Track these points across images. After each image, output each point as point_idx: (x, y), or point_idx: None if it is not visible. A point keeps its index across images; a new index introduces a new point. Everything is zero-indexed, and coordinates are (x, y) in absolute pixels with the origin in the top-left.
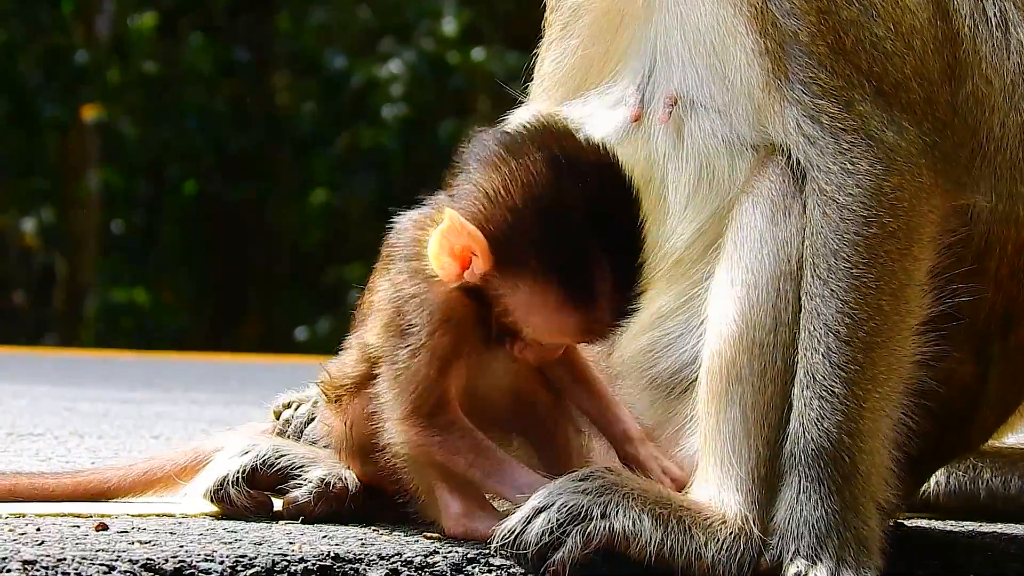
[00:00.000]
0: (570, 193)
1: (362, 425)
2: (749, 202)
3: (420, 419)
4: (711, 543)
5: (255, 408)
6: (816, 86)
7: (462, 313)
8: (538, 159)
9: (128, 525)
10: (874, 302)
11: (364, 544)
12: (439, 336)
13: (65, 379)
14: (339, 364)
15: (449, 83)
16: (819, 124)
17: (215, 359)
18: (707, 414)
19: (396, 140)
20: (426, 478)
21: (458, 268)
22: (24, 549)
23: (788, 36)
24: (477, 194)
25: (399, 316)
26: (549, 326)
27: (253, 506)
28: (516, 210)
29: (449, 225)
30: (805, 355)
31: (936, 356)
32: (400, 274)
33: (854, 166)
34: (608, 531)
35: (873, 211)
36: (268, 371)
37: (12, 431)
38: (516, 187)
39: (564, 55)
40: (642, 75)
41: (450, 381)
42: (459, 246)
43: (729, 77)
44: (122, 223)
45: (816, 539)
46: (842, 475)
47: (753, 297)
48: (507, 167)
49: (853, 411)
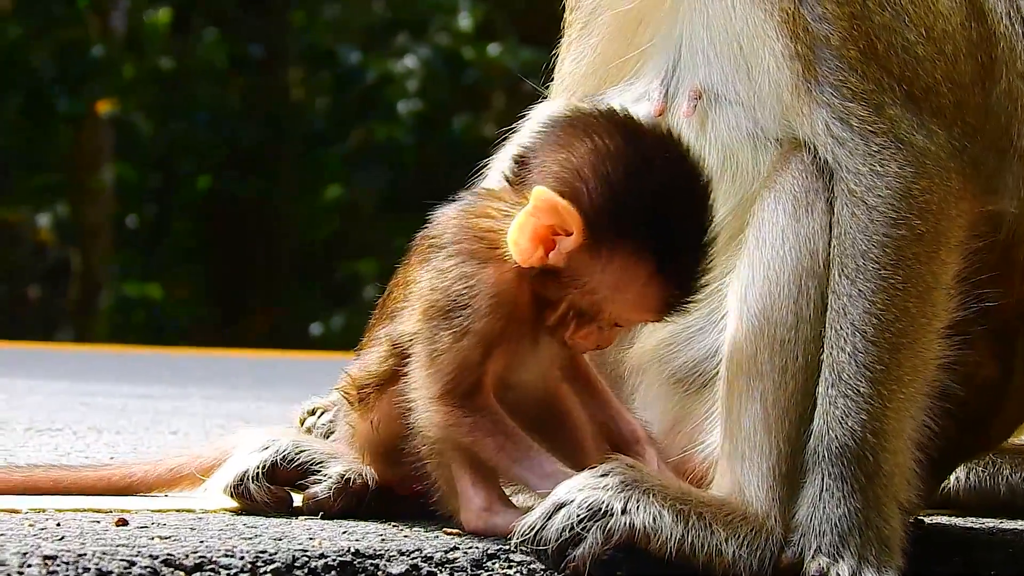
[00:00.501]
0: (651, 165)
1: (389, 424)
2: (771, 197)
3: (454, 399)
4: (732, 539)
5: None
6: (847, 89)
7: (517, 299)
8: (616, 134)
9: (148, 520)
10: (901, 304)
11: (384, 540)
12: (490, 320)
13: (80, 374)
14: (362, 363)
15: (464, 78)
16: (849, 126)
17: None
18: (727, 409)
19: (410, 135)
20: (449, 469)
21: (542, 251)
22: (44, 544)
23: (819, 40)
24: (565, 171)
25: (445, 299)
26: (637, 301)
27: (273, 502)
28: (611, 185)
29: (540, 204)
30: (831, 354)
31: (959, 360)
32: (448, 260)
33: (883, 168)
34: (628, 527)
35: (902, 213)
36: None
37: (30, 426)
38: (606, 163)
39: (584, 54)
40: (666, 70)
41: (489, 366)
42: (546, 226)
43: (755, 76)
44: (135, 217)
45: (838, 536)
46: (865, 474)
47: (774, 293)
48: (588, 143)
49: (878, 411)
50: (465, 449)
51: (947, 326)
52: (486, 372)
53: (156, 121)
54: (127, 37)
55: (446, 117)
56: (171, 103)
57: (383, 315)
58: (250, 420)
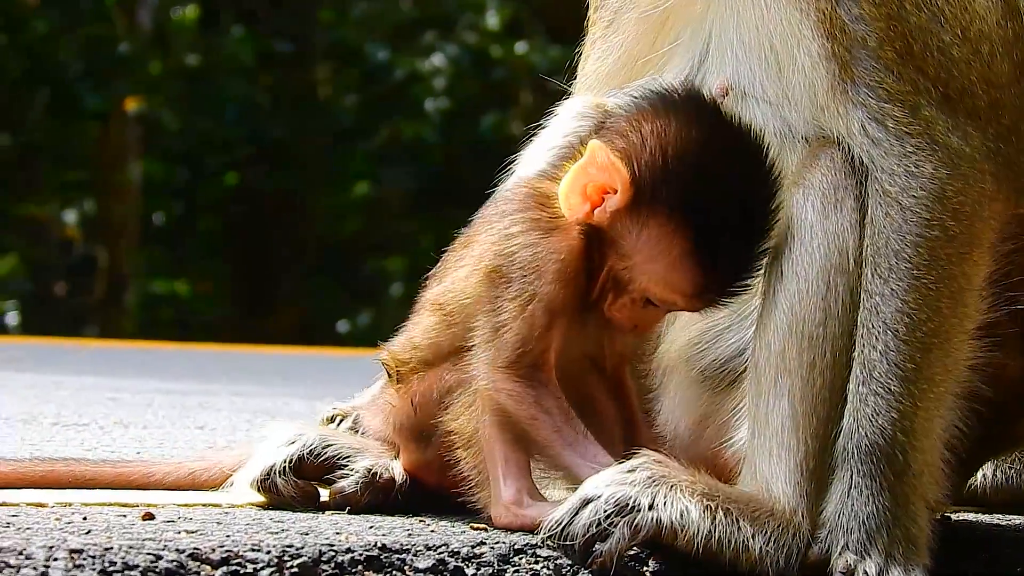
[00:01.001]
0: (720, 156)
1: (426, 403)
2: (800, 194)
3: (521, 369)
4: (759, 535)
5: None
6: (882, 90)
7: (577, 266)
8: (696, 116)
9: (175, 515)
10: (933, 303)
11: (411, 534)
12: (556, 285)
13: (107, 369)
14: (405, 337)
15: (491, 76)
16: (884, 127)
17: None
18: (755, 406)
19: (437, 133)
20: (485, 453)
21: (588, 207)
22: (71, 538)
23: (856, 41)
24: (630, 133)
25: (511, 264)
26: (666, 276)
27: (300, 496)
28: (667, 153)
29: (592, 156)
30: (862, 352)
31: (988, 361)
32: (515, 224)
33: (918, 169)
34: (655, 523)
35: (936, 214)
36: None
37: (57, 421)
38: (670, 134)
39: (609, 52)
40: (691, 67)
41: (554, 336)
42: (596, 183)
43: (787, 75)
44: (162, 214)
45: (866, 534)
46: (894, 472)
47: (803, 289)
48: (664, 117)
49: (908, 409)
50: (511, 428)
51: (977, 327)
52: (550, 345)
53: (183, 118)
54: (154, 33)
55: (473, 115)
56: (198, 100)
57: (432, 282)
58: (276, 416)
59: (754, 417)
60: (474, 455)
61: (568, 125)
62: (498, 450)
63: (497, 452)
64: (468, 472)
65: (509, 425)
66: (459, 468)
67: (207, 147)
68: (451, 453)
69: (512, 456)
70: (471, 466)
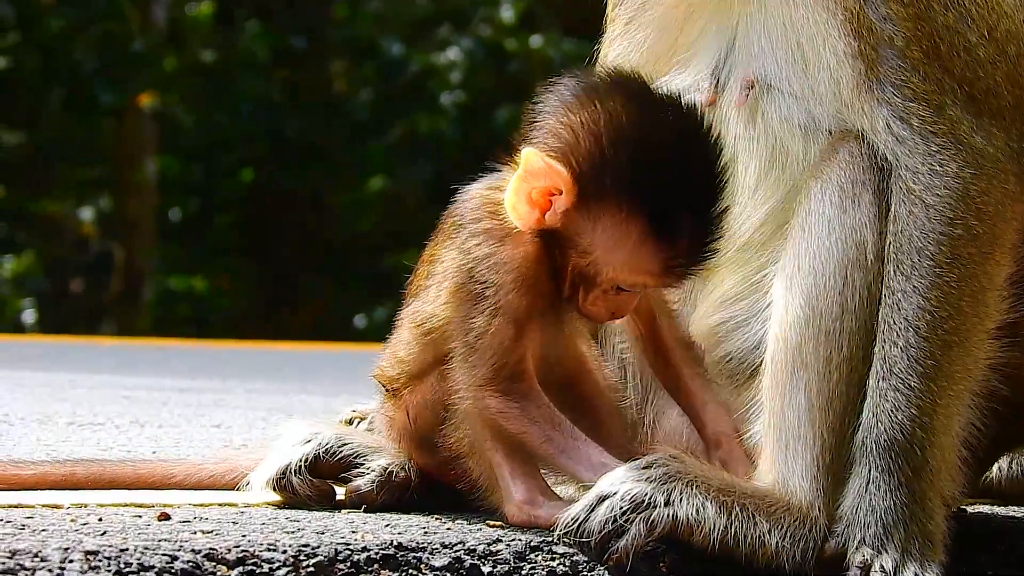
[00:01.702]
0: (655, 131)
1: (423, 413)
2: (818, 187)
3: (499, 384)
4: (775, 530)
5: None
6: (908, 89)
7: (537, 270)
8: (622, 98)
9: (190, 515)
10: (955, 302)
11: (427, 533)
12: (516, 295)
13: (123, 367)
14: (391, 353)
15: (507, 70)
16: (909, 126)
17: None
18: (771, 400)
19: (453, 127)
20: (490, 461)
21: (537, 212)
22: (86, 539)
23: (883, 40)
24: (560, 131)
25: (472, 280)
26: (630, 262)
27: (316, 495)
28: (601, 143)
29: (528, 164)
30: (882, 347)
31: (1007, 361)
32: (471, 238)
33: (942, 168)
34: (671, 519)
35: (959, 213)
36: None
37: (72, 420)
38: (601, 123)
39: (630, 49)
40: (717, 61)
41: (527, 345)
42: (540, 188)
43: (813, 71)
44: (178, 210)
45: (883, 529)
46: (912, 468)
47: (820, 284)
48: (591, 106)
49: (927, 406)
50: (506, 440)
51: (996, 327)
52: (525, 354)
53: (198, 114)
54: (169, 30)
55: (489, 109)
56: (213, 96)
57: (408, 295)
58: (293, 413)
59: (770, 411)
60: (478, 463)
61: None
62: (501, 458)
63: (501, 460)
64: (476, 478)
65: (504, 437)
66: (467, 473)
67: (222, 143)
68: (456, 459)
69: (517, 461)
70: (478, 473)
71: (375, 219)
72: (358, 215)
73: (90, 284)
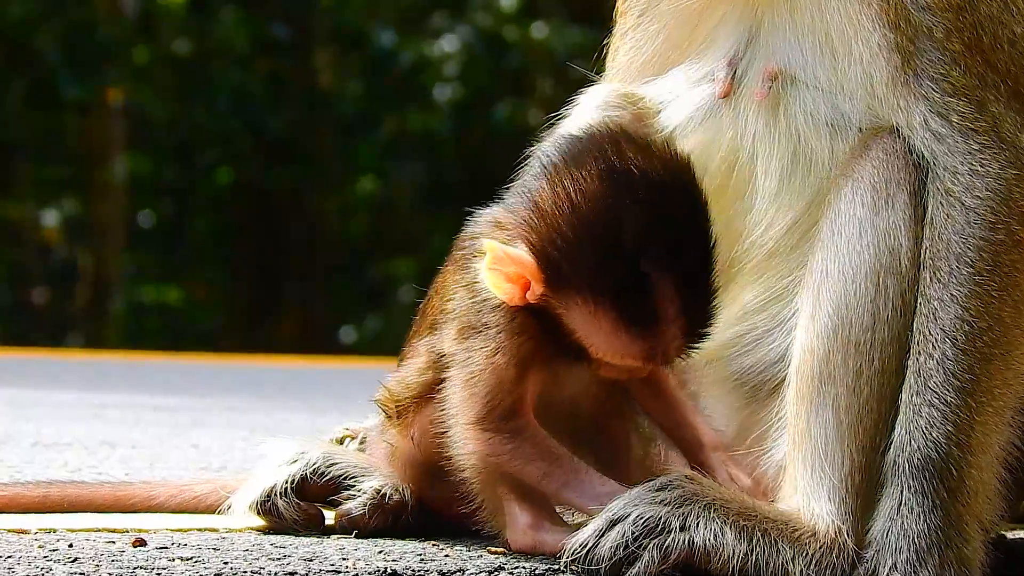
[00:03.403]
0: (629, 211)
1: (429, 440)
2: (849, 187)
3: (492, 423)
4: (799, 557)
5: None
6: (947, 84)
7: (537, 323)
8: (595, 173)
9: (168, 540)
10: (995, 312)
11: (423, 560)
12: (521, 339)
13: (91, 383)
14: (400, 376)
15: (506, 61)
16: (948, 122)
17: (252, 361)
18: (796, 416)
19: (448, 124)
20: (493, 489)
21: (519, 291)
22: (56, 567)
23: (922, 31)
24: (530, 209)
25: (476, 317)
26: (610, 348)
27: (303, 519)
28: (566, 229)
29: (493, 256)
30: (917, 360)
31: None
32: (475, 278)
33: (983, 168)
34: (687, 545)
35: (1001, 217)
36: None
37: (37, 441)
38: (568, 204)
39: (643, 43)
40: (736, 50)
41: (527, 387)
42: (510, 274)
43: (843, 64)
44: (151, 214)
45: (916, 555)
46: (948, 489)
47: (850, 291)
48: (562, 181)
49: (965, 423)
50: (510, 474)
51: None
52: (524, 393)
53: (172, 109)
54: (139, 18)
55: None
56: (188, 89)
57: (423, 323)
58: (276, 432)
59: (794, 428)
60: (484, 489)
61: (592, 115)
62: (504, 486)
63: (504, 487)
64: (480, 502)
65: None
66: (473, 500)
67: (198, 141)
68: (462, 487)
69: (521, 486)
70: (482, 497)
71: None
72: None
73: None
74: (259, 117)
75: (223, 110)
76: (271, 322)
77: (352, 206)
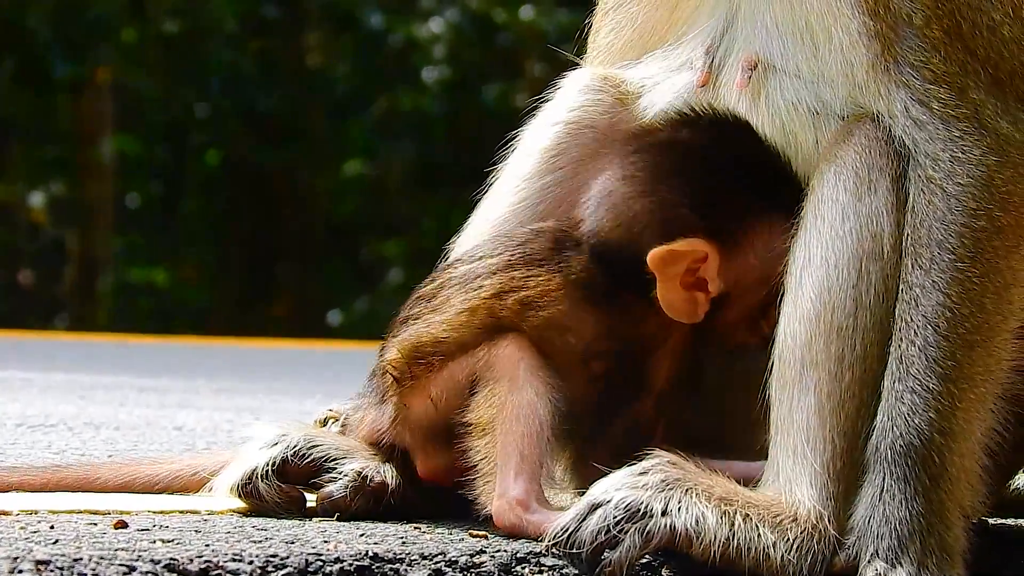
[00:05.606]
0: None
1: (451, 399)
2: (831, 172)
3: None
4: (780, 542)
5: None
6: (928, 71)
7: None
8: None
9: (149, 523)
10: (977, 299)
11: (405, 543)
12: None
13: (78, 365)
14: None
15: (495, 43)
16: (929, 109)
17: (240, 343)
18: (778, 402)
19: (438, 104)
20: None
21: (700, 296)
22: (37, 548)
23: (901, 19)
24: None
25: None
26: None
27: (284, 501)
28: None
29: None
30: (899, 346)
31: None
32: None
33: (964, 155)
34: (669, 529)
35: (982, 204)
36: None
37: (22, 422)
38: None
39: (624, 22)
40: (713, 38)
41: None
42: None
43: (823, 52)
44: (139, 195)
45: (898, 541)
46: (930, 476)
47: (832, 276)
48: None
49: (947, 409)
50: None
51: (1022, 326)
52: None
53: (162, 89)
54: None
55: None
56: (178, 69)
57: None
58: (263, 415)
59: (776, 414)
60: (488, 445)
61: (575, 99)
62: (515, 443)
63: (513, 445)
64: (478, 462)
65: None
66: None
67: (188, 121)
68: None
69: (528, 454)
70: (482, 456)
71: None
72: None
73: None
74: (248, 97)
75: (213, 90)
76: (260, 304)
77: (342, 187)
